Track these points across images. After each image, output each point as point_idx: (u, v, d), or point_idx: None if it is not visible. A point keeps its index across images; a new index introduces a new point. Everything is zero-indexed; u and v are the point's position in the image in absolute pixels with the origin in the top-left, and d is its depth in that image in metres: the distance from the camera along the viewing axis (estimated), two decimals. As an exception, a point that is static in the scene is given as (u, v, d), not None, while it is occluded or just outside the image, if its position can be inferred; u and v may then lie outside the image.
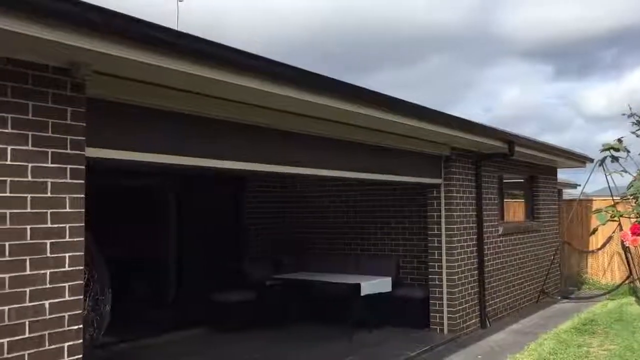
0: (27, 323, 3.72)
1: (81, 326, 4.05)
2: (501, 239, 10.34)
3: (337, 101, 5.68)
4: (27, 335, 3.72)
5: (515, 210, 12.84)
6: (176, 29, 4.10)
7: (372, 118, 6.36)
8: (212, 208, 10.05)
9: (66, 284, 3.95)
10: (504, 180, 11.15)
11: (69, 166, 3.99)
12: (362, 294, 8.42)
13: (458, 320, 8.82)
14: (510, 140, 9.27)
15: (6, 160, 3.65)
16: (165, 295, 10.06)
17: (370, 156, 7.43)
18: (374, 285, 8.72)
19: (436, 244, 8.95)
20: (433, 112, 7.14)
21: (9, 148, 3.67)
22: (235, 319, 9.05)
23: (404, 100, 6.56)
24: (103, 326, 6.94)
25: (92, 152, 4.16)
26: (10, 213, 3.66)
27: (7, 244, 3.64)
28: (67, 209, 3.98)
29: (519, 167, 11.33)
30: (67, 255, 3.97)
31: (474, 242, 9.39)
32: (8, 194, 3.65)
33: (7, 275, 3.63)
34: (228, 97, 5.11)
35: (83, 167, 4.07)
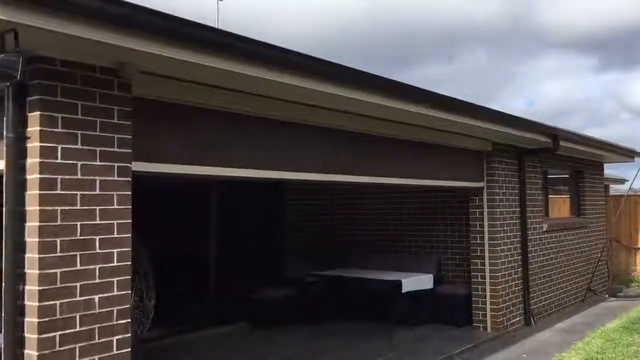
0: (77, 317, 3.83)
1: (129, 320, 4.15)
2: (546, 235, 10.13)
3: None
4: (77, 329, 3.83)
5: (561, 206, 12.56)
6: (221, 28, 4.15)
7: (420, 115, 6.40)
8: (253, 206, 10.14)
9: (114, 279, 4.05)
10: (549, 176, 10.92)
11: (116, 164, 4.08)
12: (402, 291, 8.37)
13: (502, 318, 8.69)
14: (554, 134, 9.08)
15: (57, 159, 3.76)
16: (207, 291, 10.21)
17: (415, 158, 7.38)
18: (415, 282, 8.66)
19: (478, 241, 8.83)
20: (475, 107, 7.05)
21: (60, 147, 3.77)
22: (275, 315, 9.11)
23: (450, 97, 6.53)
24: (147, 321, 7.10)
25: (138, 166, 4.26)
26: (61, 210, 3.77)
27: (58, 240, 3.75)
28: (115, 206, 4.07)
29: (564, 162, 11.08)
30: (115, 251, 4.07)
31: (518, 239, 9.22)
32: (59, 192, 3.76)
33: (58, 271, 3.74)
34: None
35: (130, 164, 4.16)
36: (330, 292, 9.48)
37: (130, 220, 4.17)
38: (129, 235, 4.16)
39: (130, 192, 4.17)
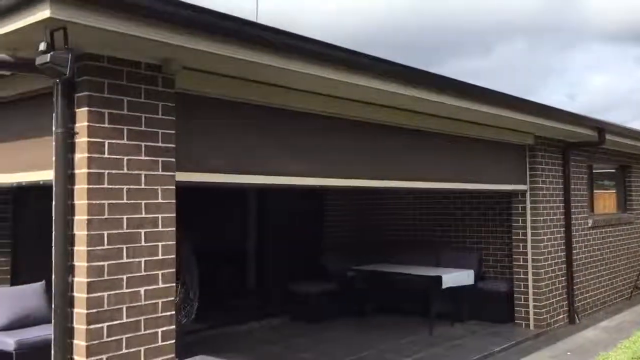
0: (124, 308, 3.91)
1: (174, 312, 4.22)
2: (591, 231, 9.88)
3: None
4: (124, 320, 3.91)
5: (606, 201, 12.21)
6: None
7: (469, 111, 6.37)
8: (295, 201, 10.18)
9: (159, 272, 4.12)
10: (594, 170, 10.64)
11: (160, 159, 4.14)
12: (443, 287, 8.29)
13: (545, 316, 8.52)
14: (600, 127, 8.83)
15: (104, 154, 3.84)
16: (249, 285, 10.31)
17: (457, 155, 7.26)
18: (456, 277, 8.56)
19: (521, 237, 8.67)
20: (518, 99, 6.91)
21: (107, 142, 3.85)
22: (316, 309, 9.15)
23: (491, 90, 6.43)
24: (191, 313, 7.21)
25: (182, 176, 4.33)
26: (108, 203, 3.85)
27: (105, 233, 3.83)
28: (160, 200, 4.14)
29: (610, 156, 10.77)
30: (160, 244, 4.13)
31: (562, 235, 9.02)
32: (106, 186, 3.84)
33: (105, 263, 3.82)
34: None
35: (173, 159, 4.22)
36: (371, 287, 9.47)
37: (174, 214, 4.23)
38: (173, 228, 4.23)
39: (174, 187, 4.23)
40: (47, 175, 4.00)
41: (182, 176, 4.30)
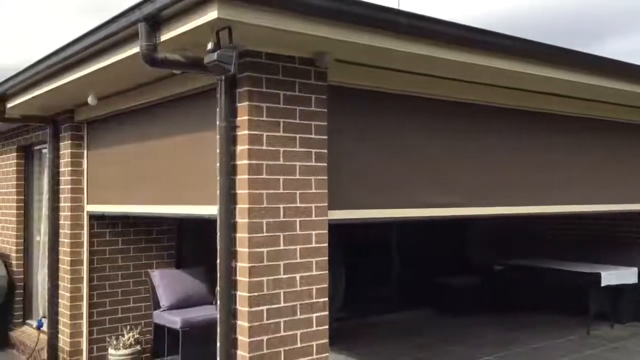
0: (282, 293, 4.09)
1: (327, 299, 4.34)
2: None
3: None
4: (282, 304, 4.09)
5: None
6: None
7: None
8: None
9: (313, 260, 4.26)
10: None
11: (313, 150, 4.27)
12: (602, 285, 7.74)
13: None
14: None
15: (262, 146, 4.03)
16: (392, 276, 10.33)
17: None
18: (616, 275, 7.96)
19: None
20: None
21: (265, 135, 4.04)
22: (461, 302, 8.97)
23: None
24: (338, 302, 7.38)
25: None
26: (266, 193, 4.04)
27: (264, 221, 4.03)
28: (313, 190, 4.27)
29: None
30: (313, 232, 4.27)
31: None
32: (265, 176, 4.03)
33: (265, 249, 4.02)
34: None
35: (325, 150, 4.33)
36: (519, 282, 9.09)
37: (326, 204, 4.34)
38: (326, 218, 4.34)
39: (326, 177, 4.34)
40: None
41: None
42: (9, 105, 6.11)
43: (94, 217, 6.28)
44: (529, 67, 4.85)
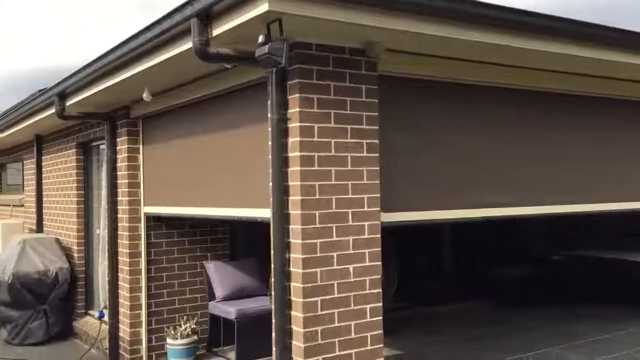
0: (335, 284, 4.10)
1: (380, 290, 4.32)
2: None
3: None
4: (335, 295, 4.10)
5: None
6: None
7: None
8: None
9: (366, 251, 4.25)
10: None
11: (365, 141, 4.25)
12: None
13: None
14: None
15: (313, 137, 4.04)
16: (447, 267, 10.22)
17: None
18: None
19: None
20: None
21: (316, 126, 4.04)
22: (518, 293, 8.79)
23: None
24: (391, 293, 7.35)
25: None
26: (318, 185, 4.05)
27: (317, 212, 4.04)
28: (365, 181, 4.25)
29: None
30: (365, 224, 4.26)
31: None
32: (316, 168, 4.04)
33: (318, 241, 4.04)
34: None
35: (377, 141, 4.30)
36: (578, 273, 8.83)
37: (378, 195, 4.31)
38: (378, 209, 4.32)
39: (378, 168, 4.31)
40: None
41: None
42: (68, 103, 6.32)
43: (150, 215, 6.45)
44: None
